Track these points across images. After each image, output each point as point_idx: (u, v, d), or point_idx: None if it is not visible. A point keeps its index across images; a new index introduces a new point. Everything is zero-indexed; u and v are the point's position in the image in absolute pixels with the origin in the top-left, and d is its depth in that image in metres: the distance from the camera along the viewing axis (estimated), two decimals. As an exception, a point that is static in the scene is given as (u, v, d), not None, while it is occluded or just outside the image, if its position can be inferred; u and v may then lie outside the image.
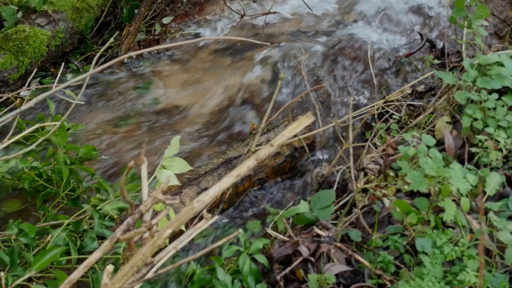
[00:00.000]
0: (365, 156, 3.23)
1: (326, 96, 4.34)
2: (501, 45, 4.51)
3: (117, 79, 4.74)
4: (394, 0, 5.70)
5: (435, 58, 4.58)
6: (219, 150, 3.93)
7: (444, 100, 3.45)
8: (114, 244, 1.48)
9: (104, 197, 3.04)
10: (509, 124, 2.91)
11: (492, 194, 2.62)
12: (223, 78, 4.71)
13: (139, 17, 4.93)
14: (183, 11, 5.88)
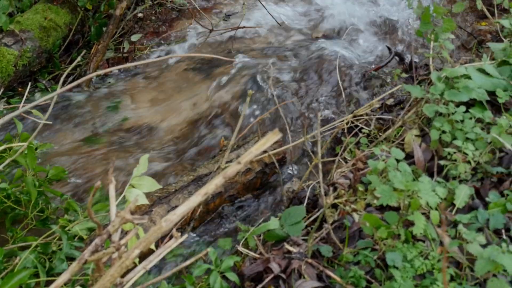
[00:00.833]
0: (335, 170, 3.23)
1: (296, 111, 4.34)
2: (468, 58, 4.55)
3: (86, 97, 4.71)
4: (362, 15, 5.75)
5: (403, 72, 4.61)
6: (189, 167, 3.91)
7: (412, 113, 3.46)
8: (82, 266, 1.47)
9: (73, 217, 3.00)
10: (477, 136, 2.92)
11: (462, 207, 2.63)
12: (192, 94, 4.71)
13: (108, 35, 4.91)
14: (152, 28, 5.88)
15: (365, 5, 5.99)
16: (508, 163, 2.84)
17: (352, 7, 5.94)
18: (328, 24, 5.75)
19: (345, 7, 5.94)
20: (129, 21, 5.67)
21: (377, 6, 5.97)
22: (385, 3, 6.00)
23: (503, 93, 3.16)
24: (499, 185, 2.78)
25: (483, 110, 3.11)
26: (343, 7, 5.93)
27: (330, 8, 5.95)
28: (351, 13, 5.81)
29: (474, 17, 5.64)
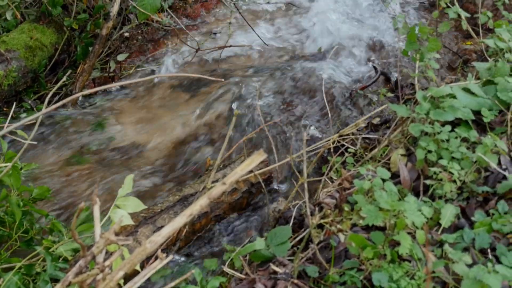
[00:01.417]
0: (321, 190, 3.23)
1: (282, 130, 4.34)
2: (454, 77, 4.57)
3: (71, 117, 4.69)
4: (349, 34, 5.76)
5: (389, 91, 4.62)
6: (175, 187, 3.90)
7: (398, 133, 3.47)
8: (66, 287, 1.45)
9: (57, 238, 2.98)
10: (462, 155, 2.93)
11: (447, 226, 2.63)
12: (179, 114, 4.70)
13: (94, 54, 4.91)
14: (138, 47, 5.87)
15: (352, 25, 6.01)
16: (494, 182, 2.85)
17: (339, 27, 5.95)
18: (315, 43, 5.77)
19: (331, 26, 5.96)
20: (115, 41, 5.67)
21: (363, 26, 5.99)
22: (371, 23, 6.03)
23: (488, 113, 3.17)
24: (484, 204, 2.78)
25: (468, 129, 3.12)
26: (330, 27, 5.95)
27: (317, 27, 5.97)
28: (337, 33, 5.83)
29: (459, 37, 5.68)
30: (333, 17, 6.17)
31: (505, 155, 2.93)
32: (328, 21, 6.05)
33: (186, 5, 6.53)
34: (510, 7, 5.38)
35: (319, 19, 6.12)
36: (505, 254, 2.36)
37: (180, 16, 6.32)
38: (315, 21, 6.10)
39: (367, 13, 6.24)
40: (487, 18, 3.98)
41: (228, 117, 4.46)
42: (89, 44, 5.08)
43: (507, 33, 3.56)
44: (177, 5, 6.48)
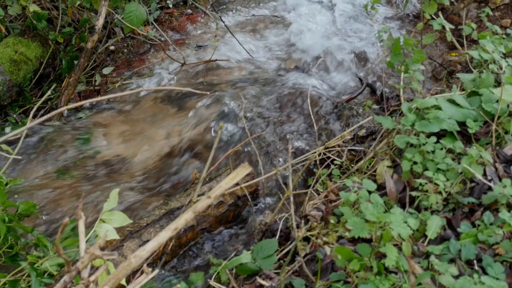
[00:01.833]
0: (307, 203, 3.22)
1: (268, 143, 4.34)
2: (439, 88, 4.58)
3: (57, 131, 4.67)
4: (334, 47, 5.78)
5: (375, 102, 4.64)
6: (161, 201, 3.88)
7: (384, 144, 3.48)
8: (50, 304, 1.44)
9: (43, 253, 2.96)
10: (448, 167, 2.94)
11: (433, 238, 2.64)
12: (165, 127, 4.69)
13: (79, 68, 4.89)
14: (124, 61, 5.86)
15: (337, 37, 6.03)
16: (479, 193, 2.85)
17: (324, 39, 5.97)
18: (300, 55, 5.78)
19: (317, 39, 5.97)
20: (100, 54, 5.66)
21: (349, 38, 6.01)
22: (357, 35, 6.05)
23: (473, 124, 3.18)
24: (470, 215, 2.79)
25: (453, 140, 3.13)
26: (315, 39, 5.96)
27: (302, 39, 5.99)
28: (323, 45, 5.84)
29: (444, 48, 5.70)
30: (318, 28, 6.19)
31: (490, 166, 2.94)
32: (313, 33, 6.07)
33: (172, 18, 6.54)
34: (494, 18, 5.42)
35: (304, 31, 6.13)
36: (491, 265, 2.36)
37: (166, 29, 6.32)
38: (300, 33, 6.12)
39: (352, 24, 6.26)
40: (471, 30, 4.00)
41: (213, 129, 4.45)
42: (74, 58, 5.07)
43: (491, 44, 3.58)
44: (163, 18, 6.49)
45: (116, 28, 5.81)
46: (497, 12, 5.56)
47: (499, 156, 3.05)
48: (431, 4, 3.59)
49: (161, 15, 6.51)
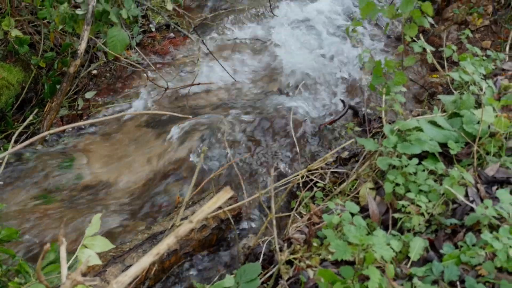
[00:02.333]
0: (290, 225, 3.22)
1: (251, 166, 4.34)
2: (420, 110, 4.61)
3: (39, 156, 4.64)
4: (317, 69, 5.81)
5: (357, 124, 4.65)
6: (144, 225, 3.87)
7: (367, 166, 3.48)
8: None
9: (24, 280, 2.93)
10: (430, 188, 2.95)
11: (416, 259, 2.63)
12: (148, 151, 4.68)
13: (61, 92, 4.88)
14: (106, 84, 5.86)
15: (319, 59, 6.06)
16: (461, 214, 2.86)
17: (307, 62, 6.00)
18: (283, 78, 5.80)
19: (300, 62, 6.00)
20: (83, 78, 5.66)
21: (331, 61, 6.04)
22: (339, 57, 6.08)
23: (455, 145, 3.20)
24: (453, 236, 2.79)
25: (435, 162, 3.14)
26: (298, 62, 5.99)
27: (285, 62, 6.01)
28: (306, 67, 5.87)
29: (426, 69, 5.74)
30: (300, 51, 6.22)
31: (472, 187, 2.95)
32: (296, 56, 6.10)
33: (155, 42, 6.55)
34: (475, 40, 5.47)
35: (287, 53, 6.16)
36: (474, 286, 2.36)
37: (149, 53, 6.34)
38: (283, 56, 6.14)
39: (335, 47, 6.29)
40: (451, 52, 4.03)
41: (196, 153, 4.45)
42: (57, 82, 5.06)
43: (471, 66, 3.61)
44: (146, 42, 6.50)
45: (98, 52, 5.81)
46: (477, 34, 5.61)
47: (480, 177, 3.06)
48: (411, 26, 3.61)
49: (144, 39, 6.52)
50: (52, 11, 4.85)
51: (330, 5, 7.16)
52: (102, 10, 4.83)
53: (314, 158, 4.44)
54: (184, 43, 6.63)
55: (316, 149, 4.58)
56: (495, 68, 4.35)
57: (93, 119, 5.06)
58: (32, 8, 5.39)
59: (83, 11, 4.78)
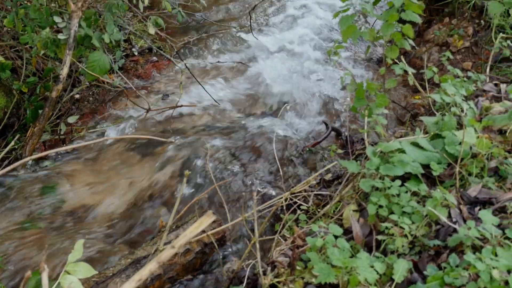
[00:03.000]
0: (274, 249, 3.21)
1: (234, 189, 4.34)
2: (403, 131, 4.63)
3: (21, 181, 4.62)
4: (300, 91, 5.83)
5: (340, 146, 4.66)
6: (127, 250, 3.85)
7: (350, 188, 3.49)
8: None
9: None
10: (413, 209, 2.95)
11: (400, 281, 2.63)
12: (131, 175, 4.67)
13: (44, 117, 4.86)
14: (89, 109, 5.84)
15: (303, 82, 6.09)
16: (445, 235, 2.86)
17: (290, 84, 6.03)
18: (266, 101, 5.81)
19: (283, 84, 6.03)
20: (66, 103, 5.64)
21: (314, 83, 6.06)
22: (321, 79, 6.11)
23: (437, 166, 3.21)
24: (436, 258, 2.79)
25: (418, 183, 3.15)
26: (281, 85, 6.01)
27: (268, 85, 6.03)
28: (289, 90, 5.90)
29: (408, 91, 5.78)
30: (283, 74, 6.24)
31: (455, 208, 2.96)
32: (279, 79, 6.12)
33: (138, 66, 6.56)
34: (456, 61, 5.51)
35: (270, 76, 6.18)
36: (457, 307, 2.37)
37: (132, 77, 6.34)
38: (266, 78, 6.16)
39: (318, 69, 6.32)
40: (432, 73, 4.05)
41: (179, 177, 4.44)
42: (39, 107, 5.04)
43: (452, 87, 3.63)
44: (128, 66, 6.50)
45: (81, 76, 5.80)
46: (458, 55, 5.65)
47: (463, 198, 3.07)
48: (392, 49, 3.64)
49: (127, 62, 6.53)
50: (34, 36, 4.85)
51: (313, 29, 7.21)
52: (84, 34, 4.84)
53: (298, 180, 4.44)
54: (167, 66, 6.64)
55: (299, 171, 4.58)
56: (476, 89, 4.38)
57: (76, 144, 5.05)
58: (14, 33, 5.38)
59: (65, 36, 4.78)
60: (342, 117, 5.44)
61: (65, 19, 4.91)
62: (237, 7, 8.13)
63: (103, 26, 5.09)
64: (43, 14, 4.86)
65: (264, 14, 7.81)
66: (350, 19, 3.61)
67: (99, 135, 5.40)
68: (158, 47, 6.61)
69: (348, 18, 3.62)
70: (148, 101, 5.52)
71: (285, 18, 7.60)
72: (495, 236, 2.62)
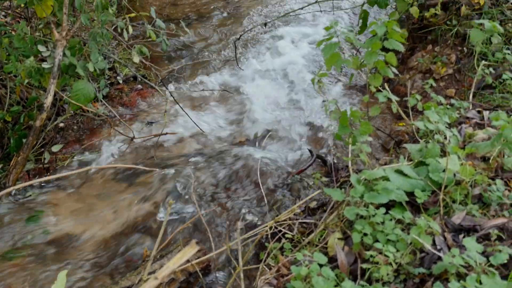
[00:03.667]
0: (259, 277, 3.20)
1: (219, 218, 4.32)
2: (387, 158, 4.64)
3: (4, 210, 4.59)
4: (285, 119, 5.85)
5: (325, 174, 4.67)
6: (111, 280, 3.82)
7: (335, 216, 3.49)
8: None
9: None
10: (397, 237, 2.95)
11: (386, 310, 2.63)
12: (115, 204, 4.65)
13: (27, 146, 4.84)
14: (74, 137, 5.82)
15: (288, 109, 6.10)
16: (429, 263, 2.86)
17: (275, 112, 6.04)
18: (251, 128, 5.82)
19: (268, 112, 6.04)
20: (50, 131, 5.62)
21: (299, 110, 6.08)
22: (306, 107, 6.12)
23: (421, 193, 3.22)
24: (421, 285, 2.80)
25: (403, 211, 3.16)
26: (266, 112, 6.02)
27: (253, 113, 6.04)
28: (274, 118, 5.91)
29: (392, 118, 5.80)
30: (269, 101, 6.26)
31: (439, 235, 2.96)
32: (264, 106, 6.13)
33: (122, 94, 6.55)
34: (439, 88, 5.55)
35: (255, 104, 6.19)
36: (443, 336, 2.36)
37: (116, 105, 6.33)
38: (251, 106, 6.18)
39: (303, 96, 6.34)
40: (416, 101, 4.06)
41: (164, 206, 4.42)
42: (23, 136, 5.02)
43: (435, 115, 3.65)
44: (113, 94, 6.50)
45: (65, 105, 5.79)
46: (441, 82, 5.68)
47: (447, 225, 3.07)
48: (376, 77, 3.66)
49: (111, 91, 6.52)
50: (18, 65, 4.85)
51: (297, 57, 7.24)
52: (68, 63, 4.84)
53: (283, 208, 4.43)
54: (152, 94, 6.64)
55: (284, 199, 4.57)
56: (459, 116, 4.41)
57: (59, 173, 5.02)
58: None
59: (50, 64, 4.78)
60: (326, 144, 5.45)
61: (50, 48, 4.91)
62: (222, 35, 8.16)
63: (87, 55, 5.09)
64: (27, 43, 4.86)
65: (248, 42, 7.84)
66: (334, 47, 3.63)
67: (83, 164, 5.38)
68: (143, 75, 6.61)
69: (331, 46, 3.64)
70: (132, 129, 5.51)
71: (270, 46, 7.62)
72: (479, 264, 2.63)
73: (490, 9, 5.66)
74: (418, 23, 6.47)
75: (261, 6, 8.99)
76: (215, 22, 8.60)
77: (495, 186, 3.25)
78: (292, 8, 8.53)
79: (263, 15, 8.69)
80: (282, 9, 8.81)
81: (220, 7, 9.07)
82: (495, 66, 5.07)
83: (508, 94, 4.75)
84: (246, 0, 9.27)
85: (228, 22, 8.57)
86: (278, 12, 8.71)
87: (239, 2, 9.23)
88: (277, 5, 8.99)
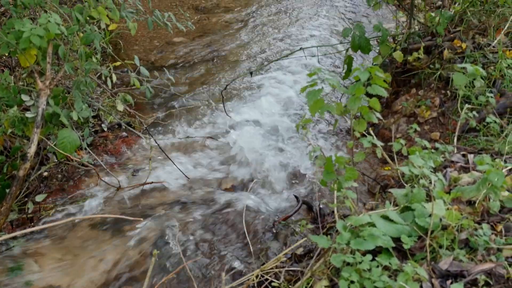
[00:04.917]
0: (246, 328, 3.16)
1: (204, 267, 4.29)
2: (373, 203, 4.62)
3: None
4: (271, 165, 5.85)
5: (311, 220, 4.65)
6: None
7: (321, 264, 3.46)
8: None
9: None
10: (384, 284, 2.92)
11: None
12: (100, 253, 4.61)
13: (11, 196, 4.79)
14: (58, 186, 5.78)
15: (272, 156, 6.11)
16: (417, 310, 2.84)
17: (261, 158, 6.04)
18: (237, 175, 5.81)
19: (254, 158, 6.04)
20: (33, 181, 5.57)
21: (285, 156, 6.09)
22: (292, 153, 6.14)
23: (408, 239, 3.20)
24: (409, 334, 2.77)
25: (389, 257, 3.13)
26: (252, 158, 6.02)
27: (239, 159, 6.04)
28: (260, 164, 5.91)
29: (378, 162, 5.80)
30: (253, 147, 6.26)
31: (426, 282, 2.94)
32: (249, 152, 6.13)
33: (107, 141, 6.53)
34: (424, 131, 5.56)
35: (239, 150, 6.20)
36: None
37: (101, 153, 6.30)
38: (236, 152, 6.18)
39: (287, 143, 6.36)
40: (400, 146, 4.07)
41: (149, 255, 4.39)
42: (6, 186, 4.98)
43: (420, 159, 3.64)
44: (98, 142, 6.47)
45: (49, 154, 5.76)
46: (426, 126, 5.70)
47: (434, 271, 3.05)
48: (360, 122, 3.67)
49: (96, 139, 6.50)
50: (1, 114, 4.83)
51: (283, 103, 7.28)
52: (52, 112, 4.82)
53: (269, 255, 4.40)
54: (137, 142, 6.62)
55: (270, 246, 4.55)
56: (444, 160, 4.41)
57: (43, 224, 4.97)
58: (-19, 113, 5.36)
59: (33, 114, 4.76)
60: (313, 190, 5.44)
61: (33, 97, 4.89)
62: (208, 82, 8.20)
63: (71, 104, 5.08)
64: (11, 93, 4.85)
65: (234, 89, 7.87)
66: (317, 93, 3.64)
67: (67, 214, 5.33)
68: (127, 123, 6.60)
69: (315, 92, 3.65)
70: (118, 179, 5.49)
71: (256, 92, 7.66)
72: (467, 311, 2.61)
73: (472, 53, 5.71)
74: (402, 67, 6.52)
75: (248, 51, 9.09)
76: (201, 68, 8.65)
77: (482, 231, 3.23)
78: (280, 51, 8.63)
79: (251, 59, 8.77)
80: (270, 53, 8.90)
81: (208, 53, 9.14)
82: (479, 109, 5.09)
83: (492, 137, 4.76)
84: (232, 47, 9.35)
85: (214, 68, 8.62)
86: (266, 56, 8.80)
87: (224, 49, 9.31)
88: (267, 49, 9.09)
